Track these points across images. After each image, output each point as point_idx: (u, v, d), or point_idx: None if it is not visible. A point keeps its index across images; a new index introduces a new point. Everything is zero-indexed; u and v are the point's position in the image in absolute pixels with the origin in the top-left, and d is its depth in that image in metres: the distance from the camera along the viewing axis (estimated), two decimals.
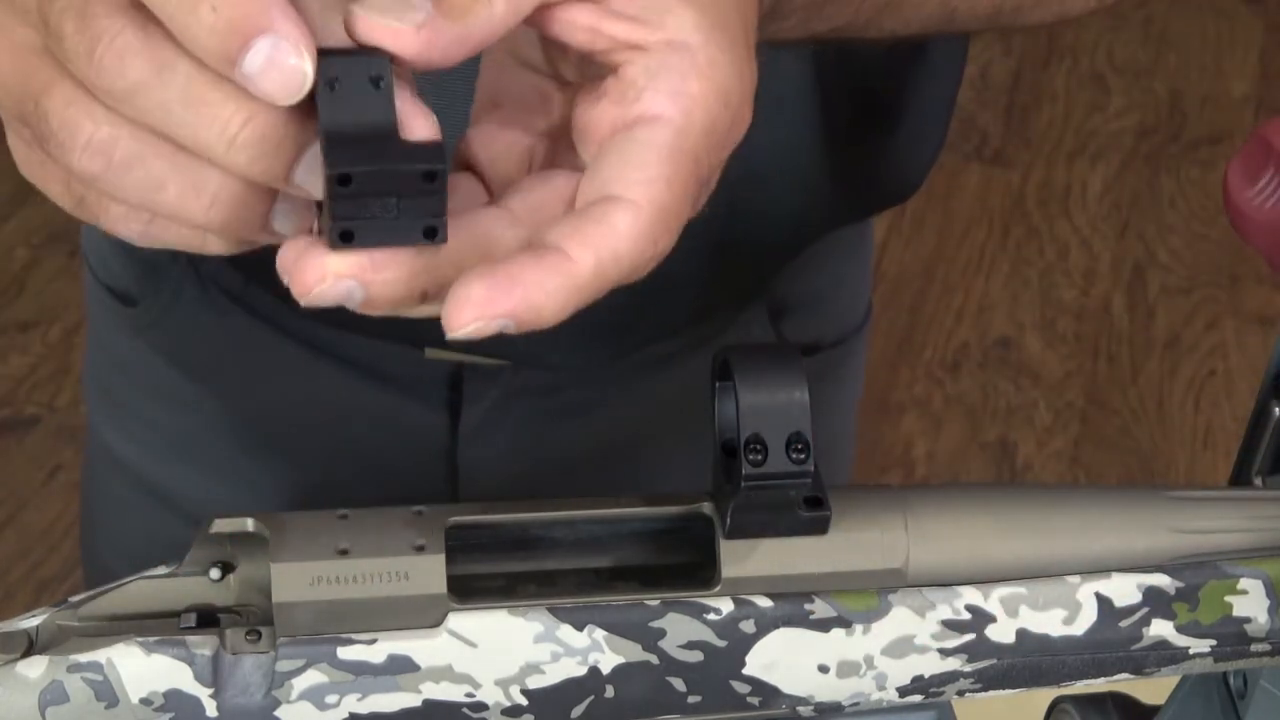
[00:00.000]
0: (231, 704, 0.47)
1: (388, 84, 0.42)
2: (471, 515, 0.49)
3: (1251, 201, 0.53)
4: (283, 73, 0.41)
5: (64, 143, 0.43)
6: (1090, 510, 0.52)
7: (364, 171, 0.41)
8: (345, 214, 0.42)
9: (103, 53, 0.41)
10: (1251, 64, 2.67)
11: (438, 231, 0.43)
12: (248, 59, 0.41)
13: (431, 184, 0.42)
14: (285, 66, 0.41)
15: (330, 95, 0.42)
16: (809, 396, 0.47)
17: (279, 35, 0.41)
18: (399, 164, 0.42)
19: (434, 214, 0.42)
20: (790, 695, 0.50)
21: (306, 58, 0.41)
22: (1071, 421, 2.16)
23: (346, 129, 0.42)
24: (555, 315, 0.43)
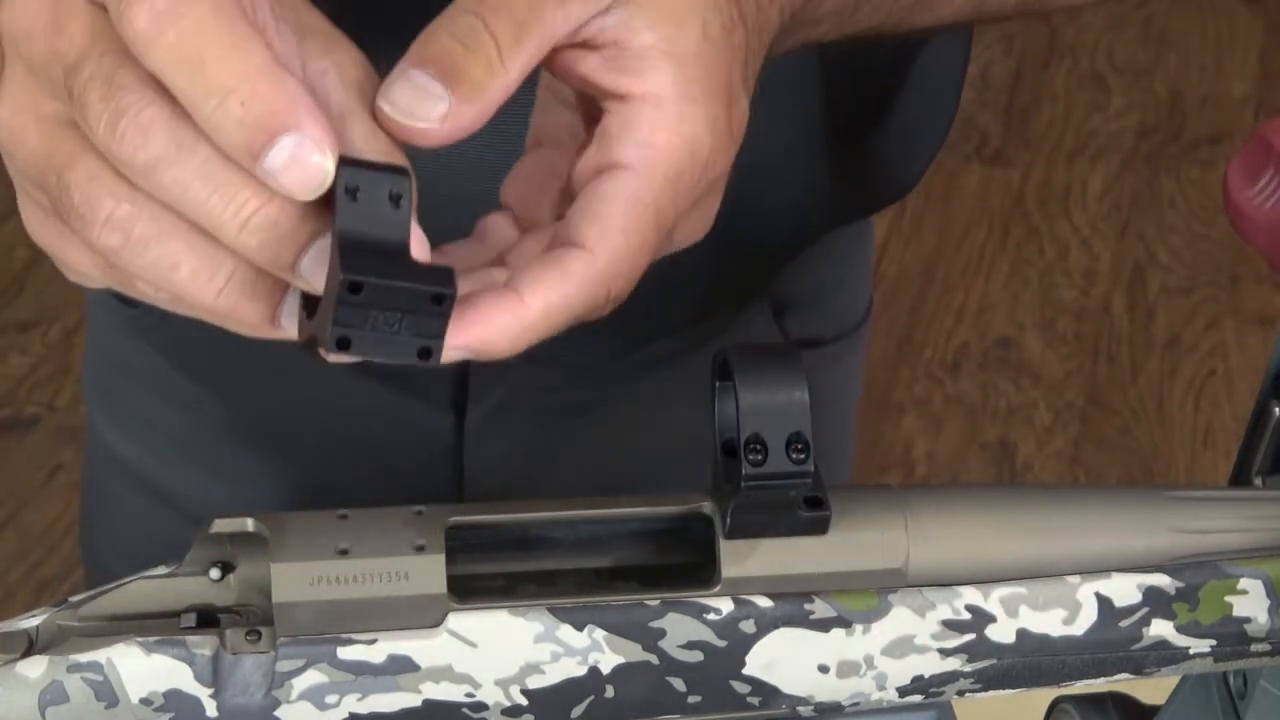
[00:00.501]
0: (231, 704, 0.47)
1: (407, 204, 0.43)
2: (471, 515, 0.49)
3: (1251, 201, 0.53)
4: (305, 170, 0.42)
5: (85, 217, 0.44)
6: (1090, 510, 0.52)
7: (376, 284, 0.42)
8: (347, 321, 0.42)
9: (126, 126, 0.42)
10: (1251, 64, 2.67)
11: (432, 353, 0.44)
12: (271, 155, 0.41)
13: (438, 307, 0.43)
14: (308, 165, 0.42)
15: (350, 203, 0.42)
16: (809, 396, 0.47)
17: (304, 134, 0.41)
18: (412, 283, 0.42)
19: (433, 335, 0.43)
20: (790, 695, 0.50)
21: (329, 156, 0.42)
22: (1071, 421, 2.16)
23: (362, 238, 0.42)
24: (508, 349, 0.46)
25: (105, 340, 0.90)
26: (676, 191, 0.48)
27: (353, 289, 0.42)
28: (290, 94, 0.42)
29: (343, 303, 0.42)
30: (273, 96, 0.41)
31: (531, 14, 0.46)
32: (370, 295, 0.42)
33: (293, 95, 0.42)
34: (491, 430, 0.82)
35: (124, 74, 0.42)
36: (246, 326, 0.45)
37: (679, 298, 0.77)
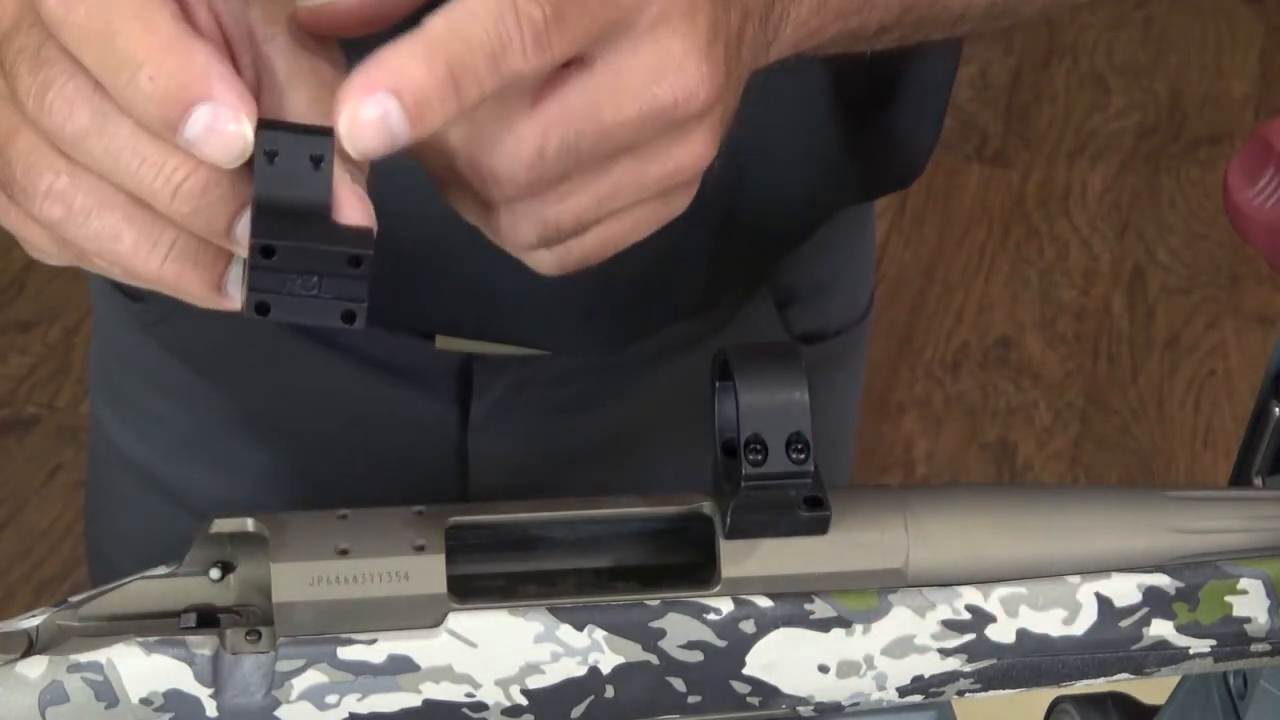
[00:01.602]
0: (231, 704, 0.47)
1: (328, 164, 0.42)
2: (471, 515, 0.49)
3: (1251, 201, 0.53)
4: (224, 139, 0.41)
5: (26, 189, 0.44)
6: (1090, 510, 0.52)
7: (288, 246, 0.42)
8: (264, 286, 0.42)
9: (52, 99, 0.42)
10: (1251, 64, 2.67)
11: (355, 316, 0.43)
12: (188, 126, 0.41)
13: (356, 269, 0.42)
14: (225, 133, 0.41)
15: (268, 167, 0.42)
16: (809, 396, 0.47)
17: (218, 102, 0.41)
18: (325, 244, 0.42)
19: (354, 299, 0.43)
20: (790, 695, 0.50)
21: (246, 123, 0.41)
22: (1071, 421, 2.16)
23: (279, 202, 0.42)
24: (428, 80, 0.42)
25: (109, 335, 0.91)
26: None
27: (265, 252, 0.42)
28: (200, 64, 0.41)
29: (257, 267, 0.42)
30: (182, 68, 0.41)
31: None
32: (285, 259, 0.42)
33: (202, 65, 0.41)
34: (496, 424, 0.82)
35: (49, 47, 0.42)
36: (193, 296, 0.45)
37: (685, 278, 0.77)
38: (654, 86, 0.45)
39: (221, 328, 0.83)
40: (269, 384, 0.84)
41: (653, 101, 0.45)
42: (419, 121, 0.42)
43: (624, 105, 0.45)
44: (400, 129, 0.42)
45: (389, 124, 0.42)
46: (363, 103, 0.41)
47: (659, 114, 0.45)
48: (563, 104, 0.45)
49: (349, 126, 0.42)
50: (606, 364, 0.82)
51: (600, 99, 0.45)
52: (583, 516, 0.50)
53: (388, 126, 0.42)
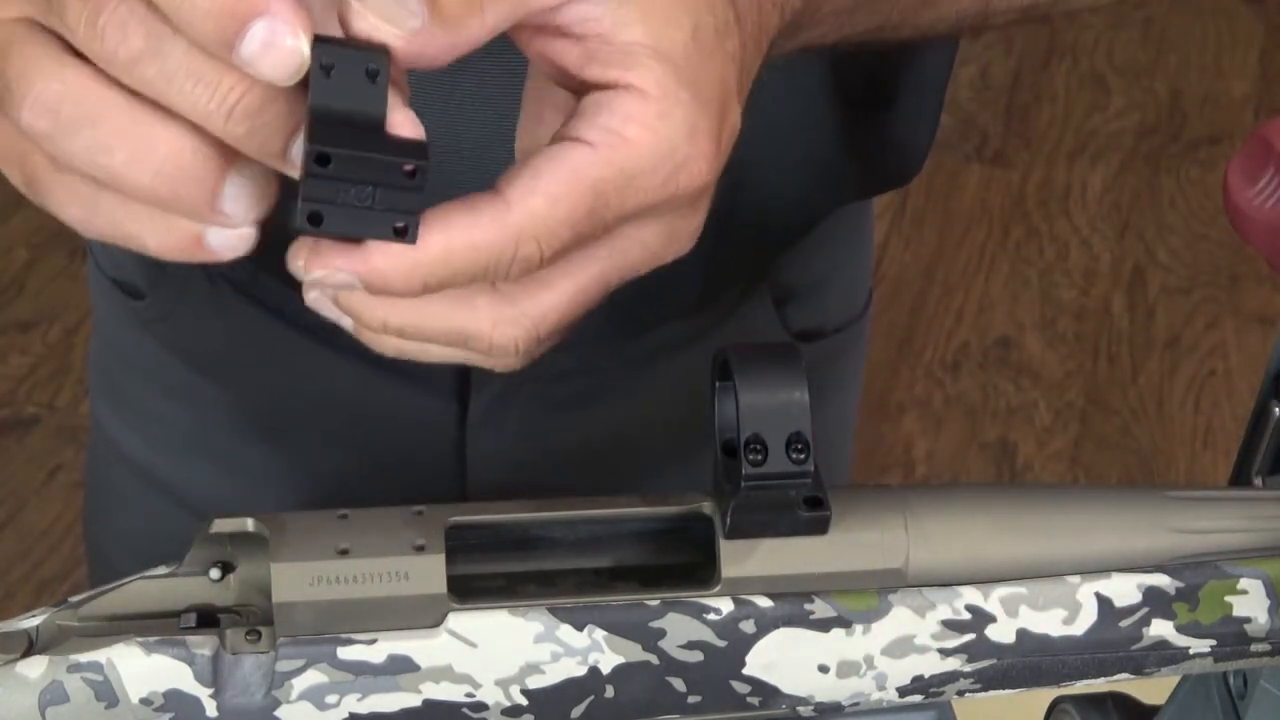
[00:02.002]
0: (231, 704, 0.47)
1: (383, 79, 0.42)
2: (471, 515, 0.49)
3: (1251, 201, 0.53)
4: (281, 53, 0.41)
5: (14, 95, 0.43)
6: (1090, 510, 0.52)
7: (344, 155, 0.41)
8: (318, 195, 0.42)
9: (105, 23, 0.42)
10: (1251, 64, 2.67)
11: (408, 230, 0.43)
12: (244, 43, 0.41)
13: (411, 180, 0.42)
14: (283, 49, 0.41)
15: (324, 79, 0.42)
16: (809, 396, 0.47)
17: (274, 17, 0.41)
18: (381, 154, 0.42)
19: (408, 211, 0.42)
20: (790, 695, 0.50)
21: (303, 38, 0.41)
22: (1071, 421, 2.16)
23: (335, 113, 0.42)
24: (402, 284, 0.44)
25: (109, 335, 0.91)
26: (629, 187, 0.45)
27: (320, 160, 0.41)
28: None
29: (311, 175, 0.41)
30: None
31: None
32: (340, 167, 0.41)
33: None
34: (494, 421, 0.82)
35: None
36: (187, 209, 0.44)
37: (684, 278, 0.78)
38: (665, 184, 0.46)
39: (222, 326, 0.84)
40: (269, 382, 0.84)
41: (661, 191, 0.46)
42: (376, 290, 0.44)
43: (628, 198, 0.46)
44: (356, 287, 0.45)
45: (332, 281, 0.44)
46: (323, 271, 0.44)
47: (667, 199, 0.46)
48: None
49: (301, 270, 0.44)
50: (605, 361, 0.82)
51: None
52: (583, 516, 0.50)
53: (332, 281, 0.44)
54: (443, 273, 0.44)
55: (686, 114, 0.45)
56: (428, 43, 0.43)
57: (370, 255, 0.43)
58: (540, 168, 0.44)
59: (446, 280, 0.44)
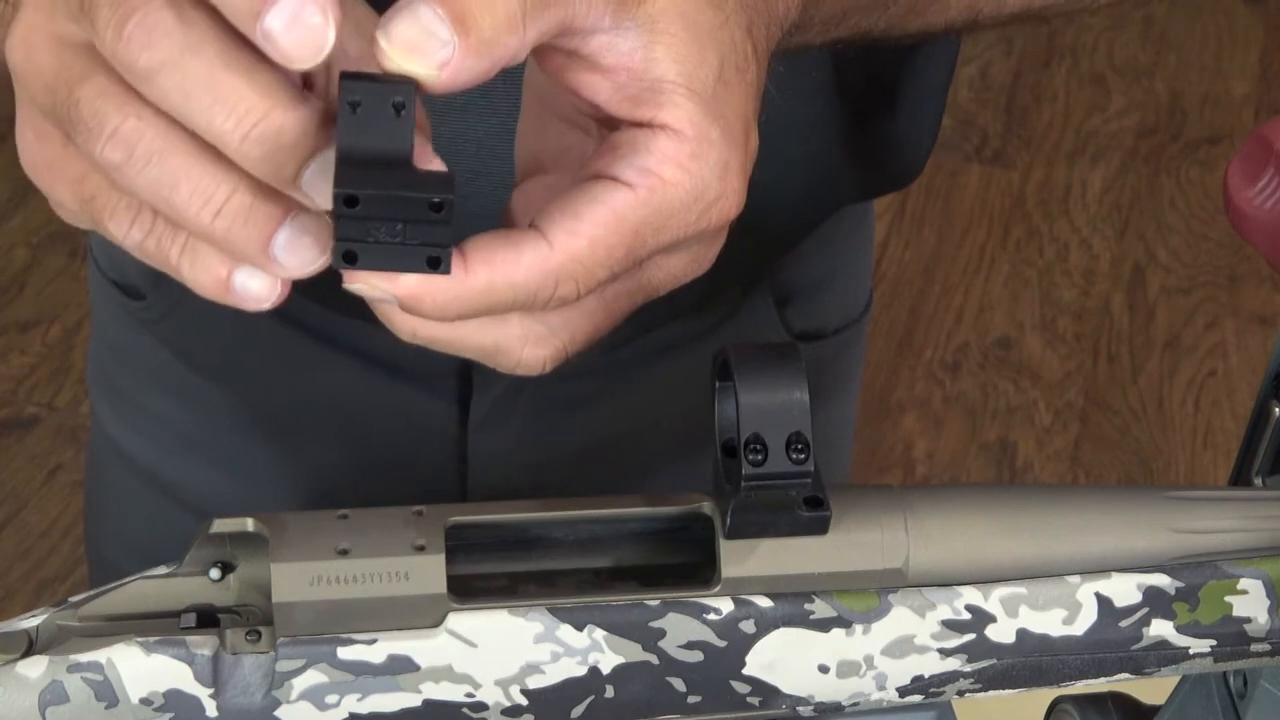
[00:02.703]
0: (231, 704, 0.47)
1: (409, 112, 0.42)
2: (471, 515, 0.49)
3: (1251, 201, 0.53)
4: (306, 30, 0.41)
5: (91, 129, 0.43)
6: (1090, 510, 0.52)
7: (371, 195, 0.42)
8: (350, 235, 0.42)
9: (133, 29, 0.42)
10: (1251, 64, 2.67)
11: (441, 261, 0.43)
12: (272, 13, 0.41)
13: (438, 214, 0.42)
14: (310, 25, 0.41)
15: (350, 117, 0.42)
16: (809, 396, 0.47)
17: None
18: (407, 191, 0.42)
19: (439, 244, 0.43)
20: (790, 695, 0.50)
21: (331, 21, 0.41)
22: (1071, 421, 2.16)
23: (362, 152, 0.42)
24: (438, 312, 0.45)
25: (109, 334, 0.91)
26: (664, 226, 0.46)
27: (349, 202, 0.42)
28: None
29: (342, 217, 0.42)
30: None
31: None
32: (369, 206, 0.42)
33: None
34: (496, 422, 0.82)
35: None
36: (241, 253, 0.44)
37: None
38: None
39: (223, 327, 0.84)
40: (270, 383, 0.84)
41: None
42: (411, 311, 0.45)
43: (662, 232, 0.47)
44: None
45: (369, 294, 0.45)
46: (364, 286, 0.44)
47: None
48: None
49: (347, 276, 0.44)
50: (606, 362, 0.82)
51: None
52: (583, 516, 0.50)
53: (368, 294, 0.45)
54: (481, 305, 0.45)
55: (719, 153, 0.46)
56: (459, 72, 0.43)
57: (416, 282, 0.44)
58: (581, 211, 0.45)
59: (483, 311, 0.45)
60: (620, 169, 0.46)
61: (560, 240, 0.45)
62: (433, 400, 0.82)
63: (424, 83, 0.42)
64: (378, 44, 0.42)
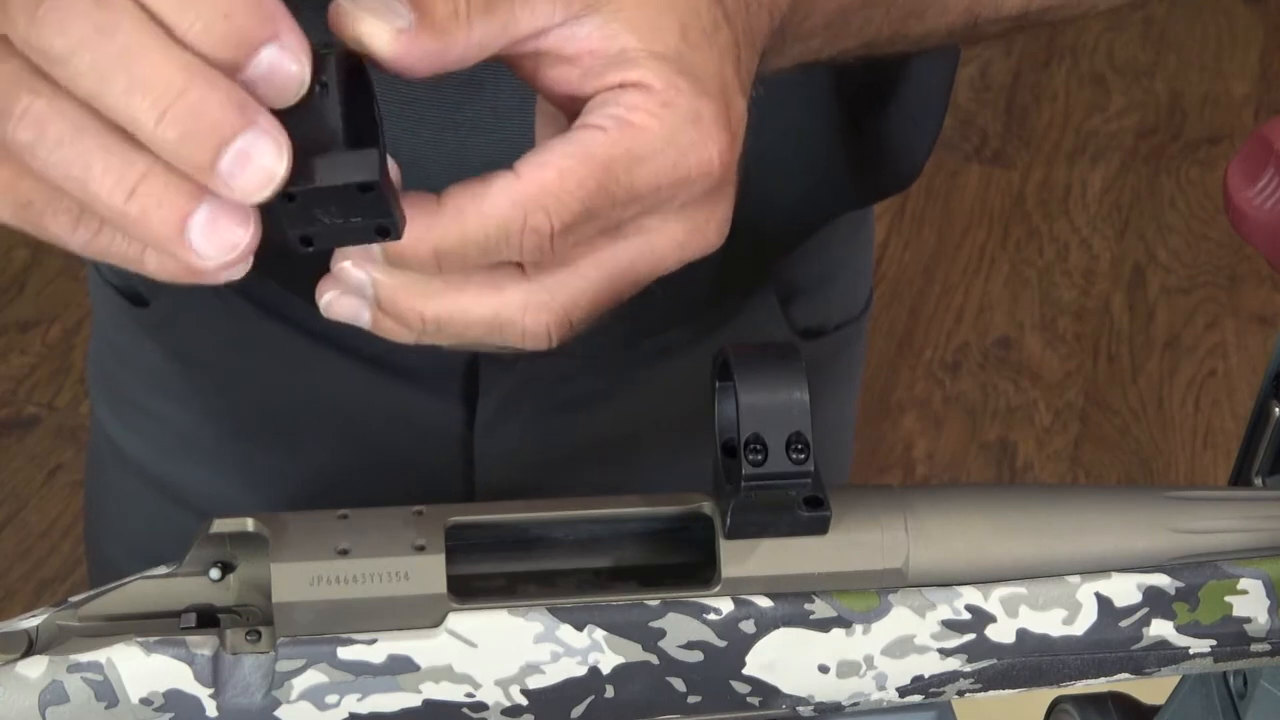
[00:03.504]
0: (231, 704, 0.47)
1: (334, 85, 0.42)
2: (471, 515, 0.49)
3: (1251, 201, 0.53)
4: (284, 78, 0.42)
5: (1, 111, 0.43)
6: (1090, 510, 0.52)
7: (303, 190, 0.42)
8: (299, 222, 0.43)
9: (45, 11, 0.42)
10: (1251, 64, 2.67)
11: (389, 230, 0.44)
12: (252, 66, 0.41)
13: (369, 193, 0.43)
14: (288, 73, 0.42)
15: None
16: (809, 396, 0.47)
17: (282, 44, 0.41)
18: (333, 180, 0.42)
19: (381, 215, 0.43)
20: (790, 695, 0.50)
21: (306, 65, 0.42)
22: (1071, 421, 2.16)
23: (292, 139, 0.42)
24: (416, 250, 0.45)
25: (109, 336, 0.91)
26: (638, 167, 0.46)
27: (287, 198, 0.42)
28: (269, 6, 0.42)
29: (287, 213, 0.43)
30: (254, 10, 0.41)
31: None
32: (304, 201, 0.42)
33: (271, 7, 0.42)
34: (502, 422, 0.82)
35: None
36: (155, 238, 0.44)
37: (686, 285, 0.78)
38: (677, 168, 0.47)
39: (226, 330, 0.84)
40: (272, 385, 0.84)
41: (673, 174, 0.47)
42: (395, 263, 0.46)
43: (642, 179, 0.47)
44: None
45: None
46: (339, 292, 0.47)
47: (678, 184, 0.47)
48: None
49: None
50: (612, 363, 0.82)
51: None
52: (583, 516, 0.50)
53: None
54: (454, 240, 0.45)
55: (689, 101, 0.47)
56: (412, 46, 0.44)
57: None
58: (552, 145, 0.46)
59: (459, 249, 0.46)
60: (592, 118, 0.46)
61: (528, 171, 0.46)
62: (438, 402, 0.82)
63: (379, 54, 0.43)
64: (339, 5, 0.43)
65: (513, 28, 0.46)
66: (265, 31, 0.41)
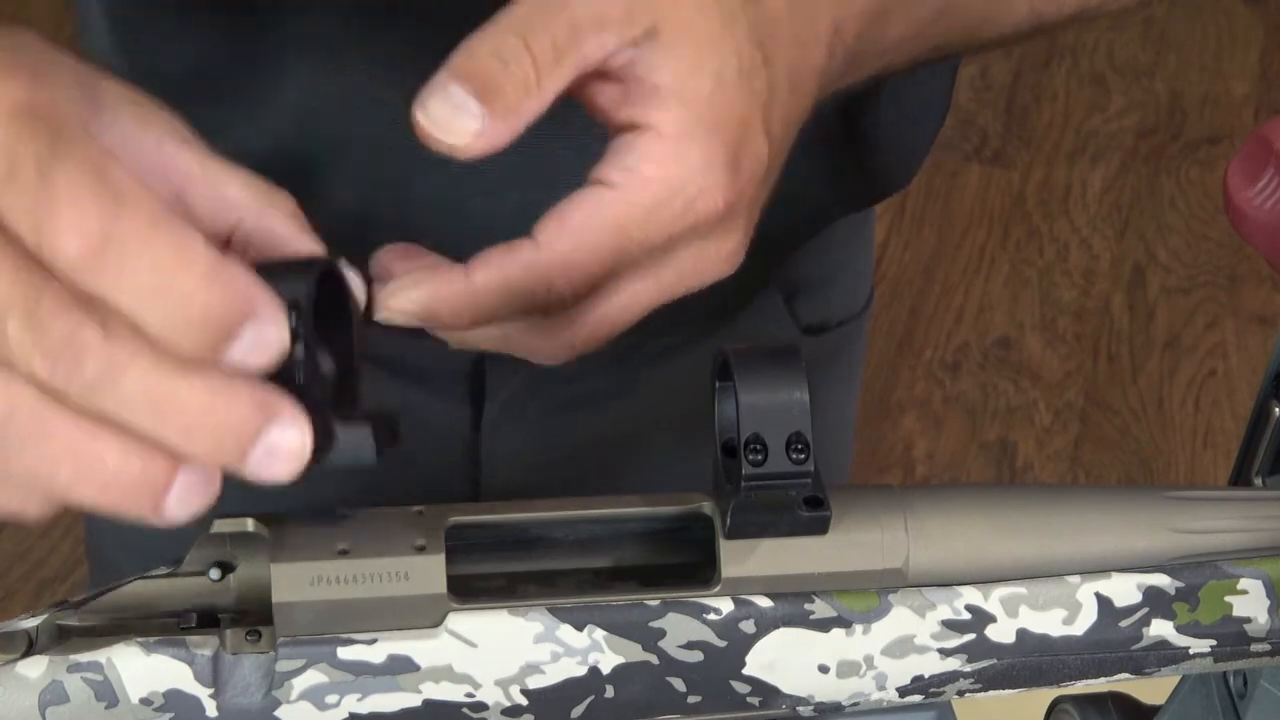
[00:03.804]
0: (231, 704, 0.47)
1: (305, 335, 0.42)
2: (472, 515, 0.49)
3: (1251, 201, 0.53)
4: (269, 350, 0.41)
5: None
6: (1090, 510, 0.52)
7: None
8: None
9: (59, 352, 0.40)
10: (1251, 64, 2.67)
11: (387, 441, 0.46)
12: (234, 348, 0.40)
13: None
14: (271, 345, 0.41)
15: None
16: (809, 396, 0.47)
17: (261, 318, 0.40)
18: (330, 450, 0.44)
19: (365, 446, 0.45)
20: (790, 695, 0.50)
21: (286, 328, 0.41)
22: (1071, 421, 2.16)
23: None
24: (450, 317, 0.49)
25: None
26: (650, 221, 0.49)
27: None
28: (242, 286, 0.40)
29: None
30: (226, 294, 0.40)
31: (570, 39, 0.48)
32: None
33: (245, 286, 0.40)
34: (508, 423, 0.82)
35: (46, 301, 0.39)
36: (132, 514, 0.42)
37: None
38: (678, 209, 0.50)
39: None
40: None
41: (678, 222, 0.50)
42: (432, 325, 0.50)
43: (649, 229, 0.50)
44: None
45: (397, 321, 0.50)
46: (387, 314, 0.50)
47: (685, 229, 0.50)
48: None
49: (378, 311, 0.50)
50: (617, 362, 0.82)
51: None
52: (583, 516, 0.50)
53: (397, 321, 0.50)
54: (485, 306, 0.49)
55: (701, 150, 0.49)
56: (491, 138, 0.47)
57: (421, 292, 0.49)
58: (567, 213, 0.49)
59: (484, 314, 0.49)
60: (605, 171, 0.49)
61: (548, 241, 0.49)
62: (443, 402, 0.82)
63: (465, 156, 0.47)
64: (417, 121, 0.47)
65: (583, 63, 0.49)
66: (243, 312, 0.40)
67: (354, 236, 0.72)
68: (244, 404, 0.41)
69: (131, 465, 0.41)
